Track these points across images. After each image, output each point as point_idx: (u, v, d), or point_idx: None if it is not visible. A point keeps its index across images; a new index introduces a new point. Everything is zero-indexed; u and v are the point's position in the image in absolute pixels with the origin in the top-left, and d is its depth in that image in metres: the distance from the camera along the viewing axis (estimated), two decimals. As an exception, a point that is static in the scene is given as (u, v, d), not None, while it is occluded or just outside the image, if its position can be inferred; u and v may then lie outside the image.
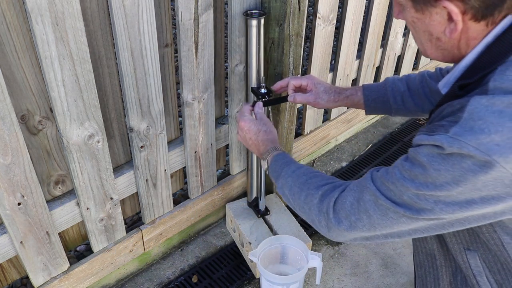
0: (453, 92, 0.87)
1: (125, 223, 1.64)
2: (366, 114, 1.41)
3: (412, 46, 2.54)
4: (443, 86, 0.94)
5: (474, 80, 0.83)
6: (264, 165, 1.26)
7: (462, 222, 0.84)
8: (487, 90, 0.79)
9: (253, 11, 1.46)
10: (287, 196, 1.12)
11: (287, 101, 1.42)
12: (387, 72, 2.48)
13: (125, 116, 1.44)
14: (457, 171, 0.76)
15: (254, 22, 1.43)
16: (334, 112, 2.27)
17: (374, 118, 2.61)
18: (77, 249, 1.80)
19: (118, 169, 1.51)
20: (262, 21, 1.44)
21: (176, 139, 1.66)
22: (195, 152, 1.66)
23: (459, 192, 0.78)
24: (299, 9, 1.50)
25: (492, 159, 0.73)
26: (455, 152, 0.76)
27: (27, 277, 1.54)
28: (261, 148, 1.27)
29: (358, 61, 2.24)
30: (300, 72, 1.67)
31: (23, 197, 1.25)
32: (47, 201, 1.35)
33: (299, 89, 1.43)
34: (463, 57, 0.88)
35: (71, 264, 1.50)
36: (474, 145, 0.74)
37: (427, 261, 1.08)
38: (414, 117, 2.31)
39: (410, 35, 2.46)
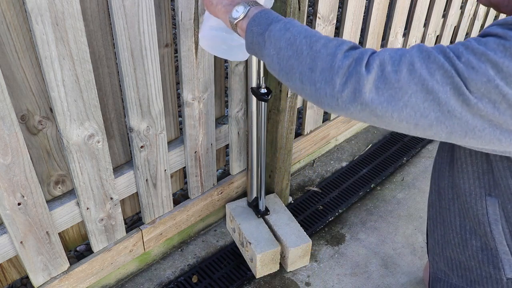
0: None
1: (125, 223, 1.64)
2: None
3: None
4: None
5: None
6: (241, 18, 0.94)
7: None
8: None
9: None
10: (280, 49, 0.84)
11: None
12: (387, 72, 2.48)
13: (125, 116, 1.44)
14: None
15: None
16: (334, 112, 2.27)
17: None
18: (77, 249, 1.80)
19: (118, 169, 1.51)
20: None
21: (176, 139, 1.66)
22: (195, 152, 1.66)
23: None
24: (299, 9, 1.50)
25: None
26: None
27: (27, 277, 1.54)
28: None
29: (358, 61, 2.24)
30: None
31: (23, 197, 1.25)
32: (47, 201, 1.35)
33: None
34: None
35: (71, 264, 1.50)
36: None
37: (438, 201, 1.06)
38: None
39: (410, 35, 2.46)
